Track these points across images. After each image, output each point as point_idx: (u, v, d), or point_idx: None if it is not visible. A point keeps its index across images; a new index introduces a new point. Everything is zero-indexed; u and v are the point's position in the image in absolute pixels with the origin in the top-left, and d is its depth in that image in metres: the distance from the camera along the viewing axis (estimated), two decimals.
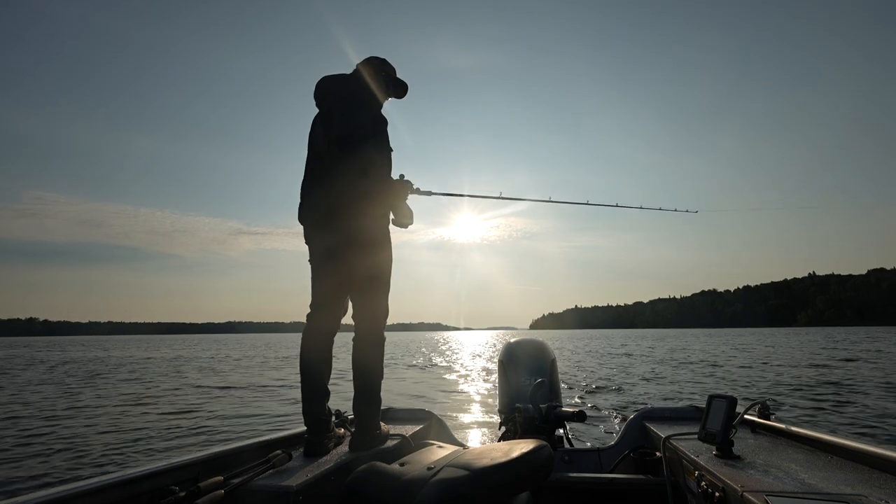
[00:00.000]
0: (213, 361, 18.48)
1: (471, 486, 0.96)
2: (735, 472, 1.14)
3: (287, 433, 1.72)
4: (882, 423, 5.20)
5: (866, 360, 13.57)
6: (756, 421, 1.63)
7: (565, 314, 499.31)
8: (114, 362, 18.48)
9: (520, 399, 1.98)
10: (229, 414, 6.45)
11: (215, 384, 10.19)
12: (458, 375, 11.81)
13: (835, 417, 5.56)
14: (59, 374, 13.30)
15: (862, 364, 12.51)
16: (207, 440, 4.90)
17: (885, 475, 1.07)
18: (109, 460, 4.09)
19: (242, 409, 6.80)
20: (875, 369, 10.96)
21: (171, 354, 24.59)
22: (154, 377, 12.01)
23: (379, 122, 1.86)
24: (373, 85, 1.92)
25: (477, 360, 18.17)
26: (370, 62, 1.96)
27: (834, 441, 1.27)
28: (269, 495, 1.23)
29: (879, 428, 5.01)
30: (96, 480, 1.03)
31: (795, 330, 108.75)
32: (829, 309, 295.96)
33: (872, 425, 5.11)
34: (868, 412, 5.84)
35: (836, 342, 27.80)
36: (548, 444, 1.09)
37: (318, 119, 1.89)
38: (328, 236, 1.77)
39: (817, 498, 0.94)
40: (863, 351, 18.22)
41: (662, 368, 12.33)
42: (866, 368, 11.28)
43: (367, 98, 1.88)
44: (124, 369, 14.77)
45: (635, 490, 1.60)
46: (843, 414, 5.76)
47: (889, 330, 78.49)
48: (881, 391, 7.55)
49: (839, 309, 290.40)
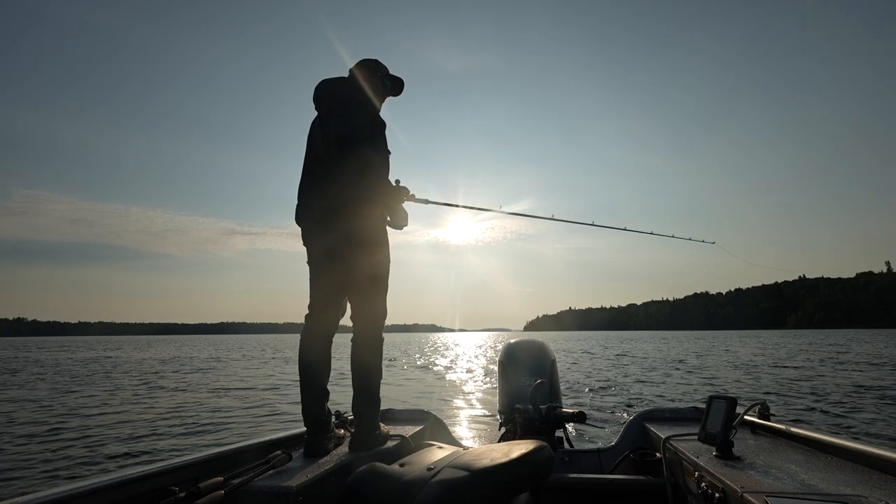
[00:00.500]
0: (206, 361, 18.34)
1: (471, 486, 0.96)
2: (735, 473, 1.14)
3: (287, 434, 1.72)
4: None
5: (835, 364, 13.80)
6: (756, 422, 1.64)
7: (560, 316, 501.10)
8: (108, 363, 18.26)
9: (520, 400, 1.98)
10: (227, 414, 6.41)
11: (212, 384, 10.11)
12: (456, 376, 11.82)
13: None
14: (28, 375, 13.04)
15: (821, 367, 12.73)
16: (208, 441, 4.89)
17: (885, 476, 1.07)
18: (101, 467, 4.04)
19: (239, 410, 6.76)
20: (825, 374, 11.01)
21: (166, 355, 24.40)
22: (146, 377, 11.91)
23: (377, 125, 1.87)
24: (369, 87, 1.93)
25: (473, 360, 18.19)
26: (365, 64, 1.97)
27: (834, 442, 1.27)
28: (270, 496, 1.23)
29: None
30: (96, 481, 1.03)
31: (784, 332, 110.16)
32: (818, 311, 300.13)
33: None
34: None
35: (810, 344, 28.18)
36: (548, 445, 1.09)
37: (316, 121, 1.90)
38: (327, 237, 1.77)
39: (817, 499, 0.94)
40: (832, 353, 18.48)
41: (656, 369, 12.43)
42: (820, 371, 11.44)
43: (364, 100, 1.89)
44: (118, 370, 14.61)
45: (635, 491, 1.60)
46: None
47: (874, 332, 79.58)
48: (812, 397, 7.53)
49: (828, 312, 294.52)
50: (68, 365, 17.26)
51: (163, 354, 25.07)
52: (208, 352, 28.62)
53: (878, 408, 6.34)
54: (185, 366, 16.19)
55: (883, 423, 5.31)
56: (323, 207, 1.77)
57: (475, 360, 18.28)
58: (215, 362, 18.17)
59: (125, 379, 11.70)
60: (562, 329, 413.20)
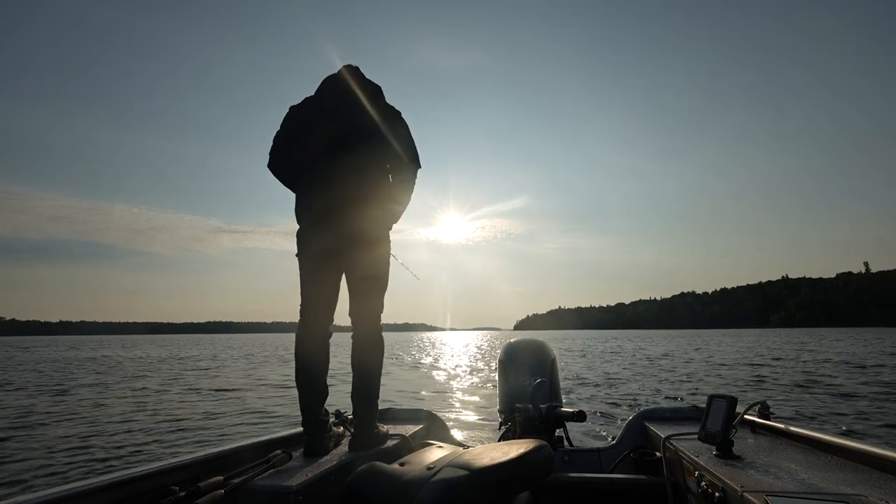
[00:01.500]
0: (201, 361, 18.03)
1: (470, 485, 0.96)
2: (735, 472, 1.14)
3: (287, 433, 1.71)
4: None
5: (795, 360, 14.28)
6: (756, 421, 1.64)
7: (549, 315, 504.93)
8: (95, 363, 17.81)
9: (520, 399, 1.98)
10: (224, 415, 6.33)
11: (207, 386, 9.95)
12: (453, 375, 11.83)
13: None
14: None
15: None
16: (207, 440, 4.84)
17: (886, 475, 1.08)
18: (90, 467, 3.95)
19: (232, 410, 6.67)
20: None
21: (154, 355, 23.86)
22: (133, 379, 11.66)
23: (387, 118, 1.85)
24: (366, 86, 1.89)
25: (465, 359, 18.23)
26: (350, 68, 1.91)
27: (834, 441, 1.28)
28: (269, 495, 1.23)
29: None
30: (97, 480, 1.02)
31: (765, 331, 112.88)
32: (800, 311, 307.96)
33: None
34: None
35: (785, 343, 28.85)
36: (548, 444, 1.09)
37: (310, 119, 1.86)
38: (327, 236, 1.75)
39: (817, 498, 0.95)
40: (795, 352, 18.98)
41: (651, 367, 12.63)
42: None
43: (368, 96, 1.86)
44: (116, 373, 14.23)
45: (635, 490, 1.60)
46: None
47: (850, 331, 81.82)
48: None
49: (810, 311, 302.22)
50: (45, 364, 16.79)
51: (150, 354, 24.55)
52: (198, 351, 28.12)
53: (821, 400, 6.66)
54: (174, 367, 15.89)
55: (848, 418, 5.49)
56: (323, 206, 1.75)
57: (465, 359, 18.32)
58: (212, 361, 17.92)
59: (106, 378, 11.45)
60: (551, 328, 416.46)
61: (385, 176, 1.86)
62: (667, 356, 17.19)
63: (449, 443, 1.64)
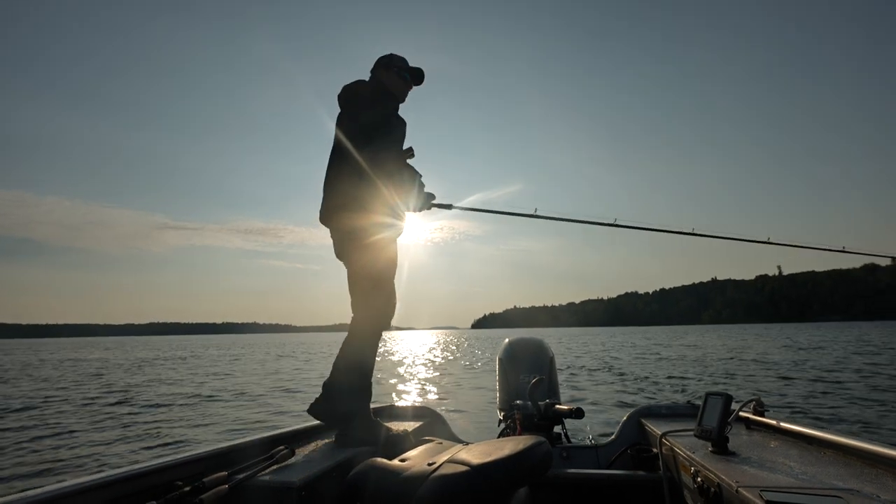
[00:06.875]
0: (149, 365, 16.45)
1: (470, 481, 0.98)
2: (730, 468, 1.16)
3: (289, 429, 1.74)
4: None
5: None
6: (751, 418, 1.66)
7: (506, 314, 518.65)
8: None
9: (518, 396, 2.01)
10: (220, 417, 6.31)
11: (193, 390, 9.53)
12: (450, 374, 11.79)
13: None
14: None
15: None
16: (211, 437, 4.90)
17: (877, 470, 1.10)
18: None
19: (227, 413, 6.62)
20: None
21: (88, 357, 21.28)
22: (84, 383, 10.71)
23: (387, 123, 1.89)
24: (384, 85, 1.95)
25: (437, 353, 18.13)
26: (378, 62, 2.00)
27: (827, 437, 1.30)
28: (273, 490, 1.25)
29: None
30: (102, 475, 1.05)
31: (693, 328, 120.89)
32: (726, 309, 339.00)
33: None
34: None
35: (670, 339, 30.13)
36: (546, 441, 1.11)
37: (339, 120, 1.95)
38: (332, 234, 1.88)
39: (811, 492, 0.96)
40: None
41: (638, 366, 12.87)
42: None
43: (374, 99, 1.90)
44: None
45: (632, 486, 1.63)
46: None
47: (768, 327, 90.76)
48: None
49: (733, 309, 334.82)
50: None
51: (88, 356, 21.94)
52: (137, 354, 25.65)
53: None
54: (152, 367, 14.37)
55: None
56: (325, 207, 1.87)
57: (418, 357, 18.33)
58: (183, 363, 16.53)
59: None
60: (509, 326, 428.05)
61: (392, 173, 1.89)
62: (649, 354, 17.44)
63: (449, 439, 1.66)
